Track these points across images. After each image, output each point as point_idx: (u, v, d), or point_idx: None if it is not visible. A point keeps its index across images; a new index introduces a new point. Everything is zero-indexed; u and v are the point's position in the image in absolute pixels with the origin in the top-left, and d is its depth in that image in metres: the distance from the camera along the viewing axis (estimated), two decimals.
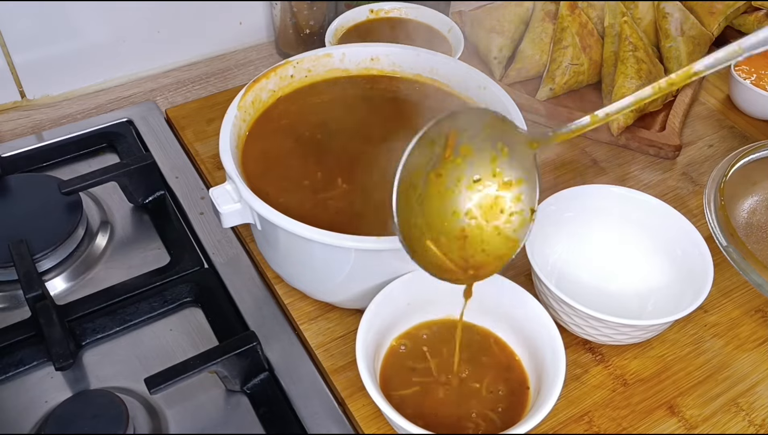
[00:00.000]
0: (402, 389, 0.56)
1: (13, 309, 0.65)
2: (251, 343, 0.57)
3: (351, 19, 0.81)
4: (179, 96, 0.88)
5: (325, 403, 0.59)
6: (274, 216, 0.54)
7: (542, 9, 0.89)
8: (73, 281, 0.67)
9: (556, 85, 0.85)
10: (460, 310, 0.56)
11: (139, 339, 0.63)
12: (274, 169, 0.63)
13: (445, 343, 0.59)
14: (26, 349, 0.61)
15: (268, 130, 0.66)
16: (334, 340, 0.63)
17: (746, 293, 0.68)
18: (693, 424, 0.59)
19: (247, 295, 0.66)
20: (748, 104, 0.86)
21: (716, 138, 0.84)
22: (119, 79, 0.89)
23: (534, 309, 0.57)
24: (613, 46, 0.85)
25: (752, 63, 0.87)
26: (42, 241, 0.66)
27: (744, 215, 0.73)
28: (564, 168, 0.79)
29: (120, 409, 0.54)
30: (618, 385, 0.61)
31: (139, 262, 0.69)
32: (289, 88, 0.68)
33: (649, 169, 0.80)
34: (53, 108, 0.86)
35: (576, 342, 0.63)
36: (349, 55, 0.70)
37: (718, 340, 0.64)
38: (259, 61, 0.94)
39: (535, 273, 0.60)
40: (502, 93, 0.65)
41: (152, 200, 0.74)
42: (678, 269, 0.64)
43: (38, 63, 0.83)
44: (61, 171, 0.77)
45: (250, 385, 0.60)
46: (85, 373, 0.60)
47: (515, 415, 0.54)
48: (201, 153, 0.79)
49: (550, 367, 0.54)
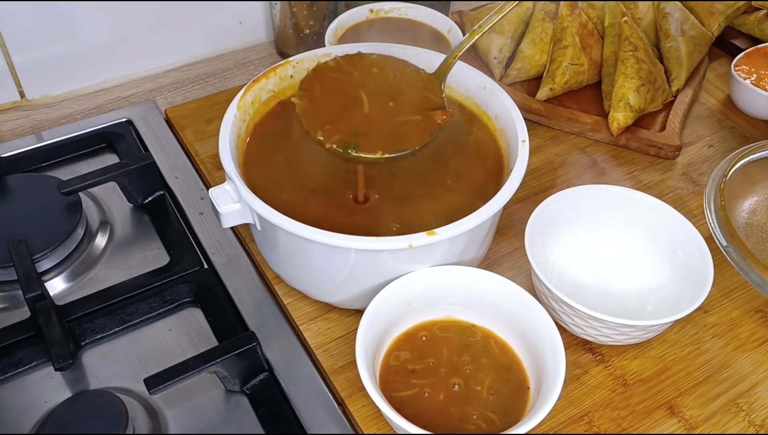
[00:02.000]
0: (402, 391, 0.56)
1: (13, 309, 0.65)
2: (251, 344, 0.57)
3: (351, 19, 0.81)
4: (179, 96, 0.88)
5: (325, 403, 0.59)
6: (274, 216, 0.54)
7: (542, 9, 0.89)
8: (73, 281, 0.67)
9: (556, 85, 0.85)
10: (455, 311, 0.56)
11: (139, 339, 0.63)
12: (274, 169, 0.63)
13: (445, 344, 0.59)
14: (26, 349, 0.61)
15: (267, 130, 0.66)
16: (333, 341, 0.63)
17: (746, 293, 0.68)
18: (693, 425, 0.59)
19: (246, 295, 0.66)
20: (748, 104, 0.86)
21: (716, 138, 0.84)
22: (119, 79, 0.89)
23: (534, 309, 0.57)
24: (613, 46, 0.85)
25: (752, 63, 0.87)
26: (41, 241, 0.66)
27: (744, 215, 0.73)
28: (564, 168, 0.79)
29: (119, 410, 0.54)
30: (618, 385, 0.61)
31: (138, 263, 0.69)
32: (289, 88, 0.68)
33: (649, 170, 0.80)
34: (53, 108, 0.86)
35: (576, 342, 0.63)
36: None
37: (718, 340, 0.64)
38: (258, 61, 0.94)
39: (535, 273, 0.60)
40: (502, 93, 0.65)
41: (152, 200, 0.74)
42: (678, 269, 0.64)
43: (38, 63, 0.83)
44: (60, 171, 0.77)
45: (249, 386, 0.59)
46: (84, 374, 0.60)
47: (515, 416, 0.54)
48: (201, 153, 0.79)
49: (550, 367, 0.54)
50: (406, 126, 0.58)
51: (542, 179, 0.78)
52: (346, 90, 0.60)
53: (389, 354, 0.58)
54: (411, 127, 0.58)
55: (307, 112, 0.58)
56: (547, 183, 0.77)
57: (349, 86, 0.61)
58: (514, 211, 0.72)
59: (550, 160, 0.80)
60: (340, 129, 0.57)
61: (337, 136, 0.57)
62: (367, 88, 0.61)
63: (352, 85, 0.61)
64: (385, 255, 0.55)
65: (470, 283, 0.58)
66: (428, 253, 0.57)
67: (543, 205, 0.65)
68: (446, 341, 0.59)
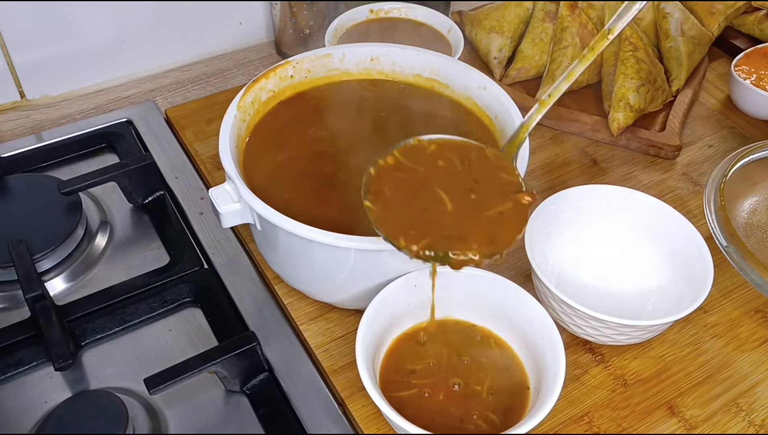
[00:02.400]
0: (402, 391, 0.56)
1: (13, 309, 0.65)
2: (251, 344, 0.57)
3: (351, 19, 0.81)
4: (179, 96, 0.88)
5: (325, 403, 0.59)
6: (274, 216, 0.54)
7: (542, 9, 0.89)
8: (73, 281, 0.67)
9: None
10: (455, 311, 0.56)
11: (139, 339, 0.63)
12: (274, 169, 0.63)
13: (445, 344, 0.59)
14: (26, 349, 0.61)
15: (267, 130, 0.66)
16: (333, 341, 0.63)
17: (746, 294, 0.68)
18: (693, 425, 0.59)
19: (246, 295, 0.66)
20: (748, 104, 0.86)
21: (716, 138, 0.84)
22: (119, 79, 0.89)
23: (534, 309, 0.57)
24: (613, 46, 0.85)
25: (752, 63, 0.87)
26: (41, 242, 0.66)
27: (744, 215, 0.73)
28: (564, 168, 0.79)
29: (119, 410, 0.54)
30: (618, 385, 0.61)
31: (138, 263, 0.69)
32: (289, 89, 0.68)
33: (649, 170, 0.80)
34: (53, 108, 0.86)
35: (576, 342, 0.63)
36: (348, 55, 0.70)
37: (718, 340, 0.64)
38: (258, 61, 0.94)
39: (535, 273, 0.60)
40: (502, 93, 0.65)
41: (152, 200, 0.74)
42: (678, 269, 0.64)
43: (38, 63, 0.83)
44: (60, 171, 0.77)
45: (249, 386, 0.59)
46: (84, 374, 0.60)
47: (515, 416, 0.54)
48: (201, 153, 0.79)
49: (550, 367, 0.53)
50: (499, 218, 0.53)
51: (542, 179, 0.78)
52: (419, 188, 0.54)
53: (389, 354, 0.58)
54: (504, 217, 0.53)
55: (383, 220, 0.52)
56: (547, 183, 0.77)
57: (420, 184, 0.54)
58: None
59: (550, 160, 0.80)
60: (426, 233, 0.52)
61: (426, 241, 0.51)
62: (441, 184, 0.54)
63: (422, 182, 0.54)
64: (385, 255, 0.55)
65: (470, 283, 0.58)
66: None
67: (543, 205, 0.65)
68: (446, 341, 0.59)
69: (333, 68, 0.70)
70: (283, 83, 0.67)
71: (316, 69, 0.69)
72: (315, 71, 0.69)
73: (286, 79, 0.68)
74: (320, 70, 0.69)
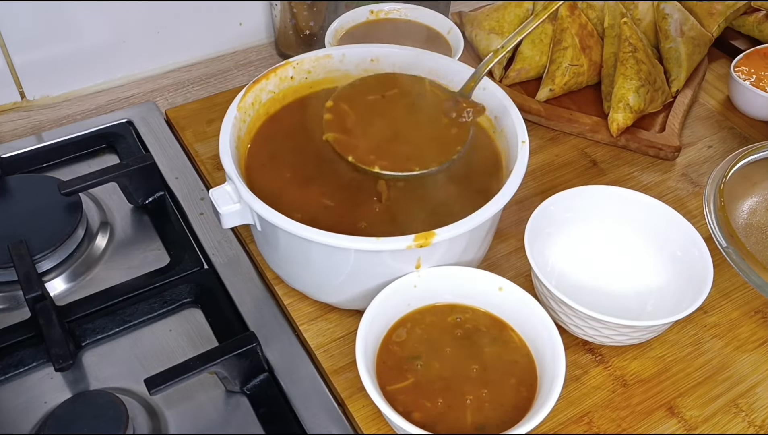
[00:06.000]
0: (397, 383, 0.55)
1: (13, 310, 0.65)
2: (251, 344, 0.57)
3: (351, 20, 0.81)
4: (179, 97, 0.88)
5: (325, 403, 0.59)
6: (274, 217, 0.54)
7: (542, 9, 0.89)
8: (73, 282, 0.67)
9: (556, 85, 0.85)
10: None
11: (139, 340, 0.63)
12: (274, 170, 0.63)
13: (445, 344, 0.59)
14: (26, 349, 0.61)
15: (267, 130, 0.66)
16: (333, 341, 0.63)
17: (746, 294, 0.68)
18: (693, 425, 0.59)
19: (246, 295, 0.66)
20: (747, 105, 0.86)
21: (716, 139, 0.84)
22: (119, 79, 0.89)
23: (534, 309, 0.57)
24: (612, 47, 0.85)
25: (752, 64, 0.87)
26: (42, 242, 0.66)
27: (744, 216, 0.73)
28: (564, 168, 0.79)
29: (119, 410, 0.54)
30: (618, 385, 0.61)
31: (138, 263, 0.69)
32: (289, 90, 0.68)
33: (648, 170, 0.80)
34: (53, 109, 0.86)
35: (576, 343, 0.63)
36: (349, 56, 0.70)
37: (718, 340, 0.64)
38: (258, 62, 0.94)
39: (534, 274, 0.60)
40: (502, 93, 0.65)
41: (152, 201, 0.74)
42: (678, 270, 0.64)
43: (38, 63, 0.83)
44: (60, 172, 0.77)
45: (249, 386, 0.60)
46: (84, 374, 0.60)
47: (515, 416, 0.54)
48: (201, 154, 0.79)
49: (550, 367, 0.54)
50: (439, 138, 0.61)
51: (542, 180, 0.78)
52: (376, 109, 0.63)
53: (383, 349, 0.58)
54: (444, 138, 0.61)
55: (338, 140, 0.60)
56: (547, 184, 0.77)
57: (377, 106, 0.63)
58: (514, 211, 0.72)
59: (550, 160, 0.80)
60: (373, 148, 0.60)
61: (373, 156, 0.60)
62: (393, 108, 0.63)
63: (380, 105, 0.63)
64: (385, 255, 0.56)
65: (470, 283, 0.58)
66: (428, 253, 0.57)
67: (543, 206, 0.65)
68: (446, 341, 0.59)
69: (333, 69, 0.70)
70: (283, 84, 0.68)
71: (317, 70, 0.69)
72: (315, 72, 0.69)
73: (286, 80, 0.68)
74: (320, 71, 0.69)
